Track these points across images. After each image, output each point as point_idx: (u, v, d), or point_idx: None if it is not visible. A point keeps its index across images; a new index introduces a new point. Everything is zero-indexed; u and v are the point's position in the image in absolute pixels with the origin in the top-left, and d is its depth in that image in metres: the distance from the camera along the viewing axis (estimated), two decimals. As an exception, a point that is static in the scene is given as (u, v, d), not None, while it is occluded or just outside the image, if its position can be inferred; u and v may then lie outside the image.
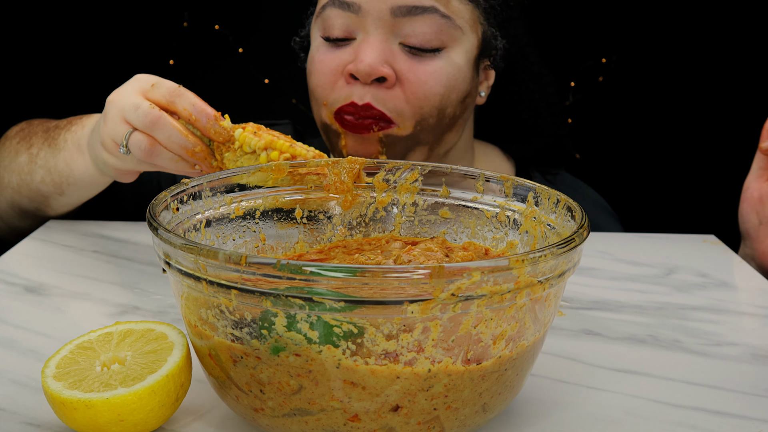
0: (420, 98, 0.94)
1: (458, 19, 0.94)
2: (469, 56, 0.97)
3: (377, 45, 0.93)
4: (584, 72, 1.55)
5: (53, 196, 0.95)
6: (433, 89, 0.94)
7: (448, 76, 0.95)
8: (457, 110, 0.98)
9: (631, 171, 1.60)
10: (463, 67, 0.96)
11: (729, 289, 0.89)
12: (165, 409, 0.56)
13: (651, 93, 1.57)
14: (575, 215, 0.59)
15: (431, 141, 0.98)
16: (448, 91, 0.96)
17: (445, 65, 0.95)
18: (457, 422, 0.53)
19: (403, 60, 0.94)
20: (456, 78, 0.96)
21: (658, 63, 1.54)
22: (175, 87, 0.77)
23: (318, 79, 0.97)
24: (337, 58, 0.96)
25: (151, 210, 0.57)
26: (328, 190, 0.71)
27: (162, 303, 0.80)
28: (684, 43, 1.53)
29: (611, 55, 1.54)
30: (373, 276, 0.47)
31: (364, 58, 0.92)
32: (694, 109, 1.56)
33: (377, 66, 0.92)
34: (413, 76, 0.94)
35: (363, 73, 0.92)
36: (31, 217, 1.00)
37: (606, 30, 1.53)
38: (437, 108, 0.96)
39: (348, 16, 0.94)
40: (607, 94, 1.56)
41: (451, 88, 0.96)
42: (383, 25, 0.93)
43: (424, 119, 0.95)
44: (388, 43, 0.94)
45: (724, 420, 0.62)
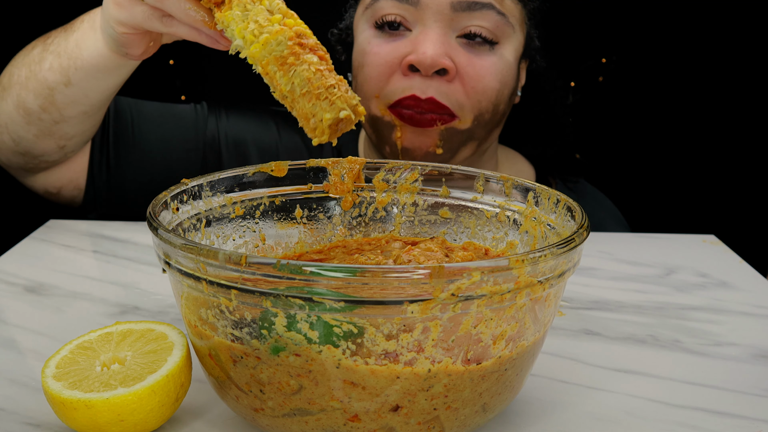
0: (479, 92, 0.96)
1: (511, 17, 0.97)
2: (517, 54, 1.00)
3: (437, 38, 0.94)
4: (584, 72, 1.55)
5: (59, 87, 0.91)
6: (490, 84, 0.96)
7: (501, 72, 0.97)
8: (507, 107, 1.01)
9: (631, 171, 1.60)
10: (512, 65, 0.99)
11: (729, 289, 0.89)
12: (165, 409, 0.56)
13: (651, 93, 1.57)
14: (575, 215, 0.59)
15: (483, 136, 1.00)
16: (502, 87, 0.97)
17: (499, 61, 0.96)
18: (457, 422, 0.53)
19: (461, 54, 0.95)
20: (508, 74, 0.98)
21: (658, 63, 1.54)
22: None
23: (372, 71, 0.97)
24: (395, 49, 0.96)
25: (151, 210, 0.57)
26: (328, 190, 0.71)
27: (162, 303, 0.80)
28: (684, 43, 1.53)
29: (611, 55, 1.54)
30: (373, 276, 0.47)
31: (426, 50, 0.93)
32: (694, 109, 1.56)
33: (439, 58, 0.93)
34: (472, 69, 0.95)
35: (426, 65, 0.93)
36: (35, 123, 0.95)
37: (606, 30, 1.53)
38: (493, 103, 0.97)
39: (405, 9, 0.95)
40: (607, 94, 1.56)
41: (504, 84, 0.98)
42: (442, 18, 0.94)
43: (481, 114, 0.97)
44: (446, 36, 0.95)
45: (724, 420, 0.62)
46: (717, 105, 1.56)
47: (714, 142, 1.57)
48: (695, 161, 1.58)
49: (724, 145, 1.56)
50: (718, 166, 1.57)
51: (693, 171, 1.59)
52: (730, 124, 1.56)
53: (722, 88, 1.55)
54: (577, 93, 1.55)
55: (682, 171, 1.59)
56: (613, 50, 1.54)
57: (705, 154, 1.57)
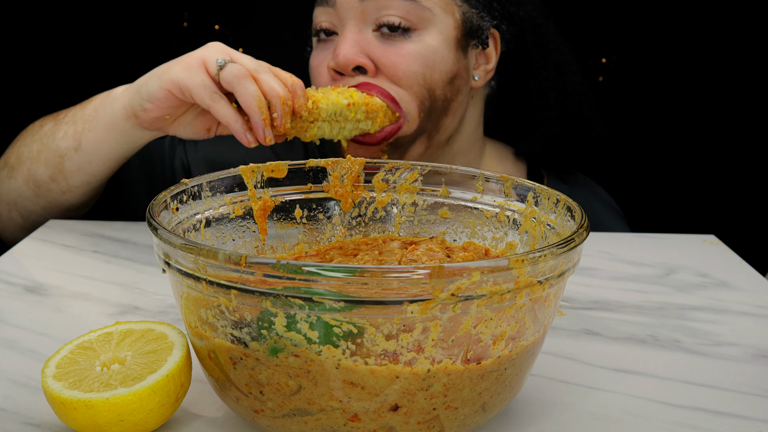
0: (402, 79, 0.97)
1: (425, 1, 0.97)
2: (445, 37, 0.99)
3: (351, 36, 0.97)
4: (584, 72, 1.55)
5: (69, 153, 0.95)
6: (411, 68, 0.97)
7: (423, 57, 0.97)
8: (447, 92, 1.00)
9: (631, 171, 1.60)
10: (438, 48, 0.98)
11: (729, 289, 0.89)
12: (165, 409, 0.56)
13: (651, 93, 1.57)
14: (575, 215, 0.59)
15: (429, 128, 1.00)
16: (428, 71, 0.97)
17: (419, 47, 0.97)
18: (456, 422, 0.53)
19: (376, 47, 0.97)
20: (433, 59, 0.98)
21: (658, 63, 1.54)
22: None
23: (313, 80, 1.02)
24: (321, 56, 1.01)
25: (151, 210, 0.57)
26: (328, 191, 0.71)
27: (162, 303, 0.80)
28: (684, 43, 1.53)
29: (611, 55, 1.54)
30: (373, 276, 0.47)
31: (339, 51, 0.96)
32: (695, 109, 1.56)
33: (352, 56, 0.96)
34: (387, 60, 0.97)
35: (341, 66, 0.96)
36: (44, 195, 1.00)
37: (606, 30, 1.53)
38: (424, 87, 0.97)
39: (328, 12, 0.99)
40: (607, 94, 1.56)
41: (431, 68, 0.98)
42: (355, 14, 0.97)
43: (422, 102, 0.98)
44: (362, 33, 0.97)
45: (724, 420, 0.62)
46: (717, 105, 1.56)
47: (714, 142, 1.57)
48: (695, 161, 1.58)
49: (724, 145, 1.56)
50: (718, 166, 1.57)
51: (693, 171, 1.59)
52: (730, 124, 1.56)
53: (722, 88, 1.55)
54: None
55: (682, 171, 1.59)
56: (613, 50, 1.54)
57: (705, 154, 1.57)
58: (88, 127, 0.94)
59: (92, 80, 1.49)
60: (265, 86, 0.83)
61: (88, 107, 0.95)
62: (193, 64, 0.85)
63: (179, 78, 0.85)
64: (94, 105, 0.95)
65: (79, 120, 0.95)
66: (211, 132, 0.92)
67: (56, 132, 0.97)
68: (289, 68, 0.90)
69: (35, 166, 0.98)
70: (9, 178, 1.01)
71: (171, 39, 1.50)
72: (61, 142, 0.96)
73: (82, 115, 0.95)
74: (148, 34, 1.51)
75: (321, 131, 0.90)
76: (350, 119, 0.92)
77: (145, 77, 0.89)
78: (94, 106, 0.95)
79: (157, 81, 0.87)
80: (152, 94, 0.87)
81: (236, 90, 0.83)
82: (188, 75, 0.84)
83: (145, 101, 0.88)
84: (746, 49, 1.53)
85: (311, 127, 0.89)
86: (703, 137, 1.57)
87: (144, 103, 0.88)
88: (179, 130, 0.91)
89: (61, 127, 0.97)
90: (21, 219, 1.04)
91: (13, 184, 1.01)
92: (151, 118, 0.89)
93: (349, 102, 0.91)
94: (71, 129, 0.96)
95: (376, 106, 0.94)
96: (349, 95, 0.92)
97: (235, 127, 0.84)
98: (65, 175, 0.97)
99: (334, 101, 0.90)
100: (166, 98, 0.87)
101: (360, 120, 0.93)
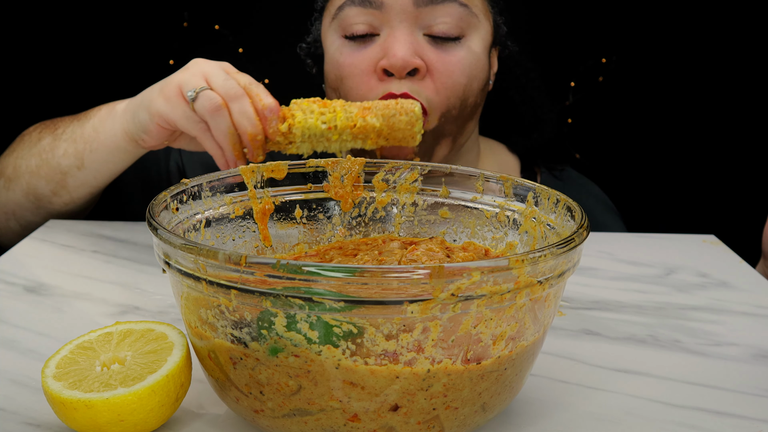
0: (448, 88, 0.96)
1: (474, 7, 0.97)
2: (485, 44, 1.00)
3: (405, 38, 0.95)
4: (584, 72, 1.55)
5: (72, 171, 0.96)
6: (459, 80, 0.97)
7: (470, 66, 0.97)
8: (477, 99, 1.01)
9: (631, 171, 1.60)
10: (481, 56, 0.99)
11: (729, 289, 0.89)
12: (165, 409, 0.56)
13: (651, 93, 1.57)
14: (575, 215, 0.59)
15: (455, 132, 1.00)
16: (470, 81, 0.98)
17: (467, 54, 0.97)
18: (456, 422, 0.53)
19: (429, 51, 0.96)
20: (477, 67, 0.98)
21: (658, 63, 1.54)
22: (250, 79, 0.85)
23: (352, 83, 0.98)
24: (366, 56, 0.97)
25: (151, 210, 0.57)
26: (328, 191, 0.71)
27: (162, 303, 0.80)
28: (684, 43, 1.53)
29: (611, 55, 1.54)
30: (373, 276, 0.47)
31: (396, 53, 0.94)
32: (694, 108, 1.56)
33: (410, 58, 0.94)
34: (441, 66, 0.96)
35: (398, 67, 0.94)
36: (45, 207, 1.00)
37: (606, 30, 1.53)
38: (460, 99, 0.98)
39: (370, 13, 0.96)
40: (607, 94, 1.56)
41: (473, 77, 0.98)
42: (407, 17, 0.95)
43: (448, 111, 0.97)
44: (413, 35, 0.96)
45: (724, 420, 0.62)
46: (717, 105, 1.56)
47: (714, 142, 1.57)
48: (695, 161, 1.58)
49: (723, 146, 1.56)
50: (718, 166, 1.57)
51: (693, 171, 1.59)
52: (730, 124, 1.56)
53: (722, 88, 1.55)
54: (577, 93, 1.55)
55: (681, 171, 1.59)
56: (613, 50, 1.54)
57: (705, 154, 1.57)
58: (89, 147, 0.94)
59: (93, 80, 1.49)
60: (236, 118, 0.82)
61: (87, 126, 0.95)
62: (171, 95, 0.85)
63: (163, 111, 0.85)
64: (93, 125, 0.95)
65: (79, 139, 0.95)
66: None
67: (55, 149, 0.97)
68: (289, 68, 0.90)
69: (35, 181, 0.99)
70: (7, 190, 1.02)
71: (171, 39, 1.50)
72: (62, 160, 0.96)
73: (82, 134, 0.95)
74: (148, 34, 1.51)
75: (302, 149, 0.87)
76: (333, 140, 0.87)
77: (136, 103, 0.90)
78: (93, 126, 0.95)
79: (146, 114, 0.87)
80: (145, 127, 0.88)
81: (209, 124, 0.83)
82: (170, 108, 0.85)
83: (141, 132, 0.89)
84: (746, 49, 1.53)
85: (290, 147, 0.86)
86: (703, 137, 1.57)
87: (140, 134, 0.89)
88: (183, 146, 0.92)
89: (60, 144, 0.97)
90: (19, 228, 1.05)
91: (11, 195, 1.01)
92: (152, 145, 0.91)
93: (330, 126, 0.86)
94: (71, 148, 0.96)
95: (367, 129, 0.87)
96: (332, 118, 0.86)
97: (219, 160, 0.85)
98: (68, 189, 0.98)
99: (311, 126, 0.85)
100: (158, 131, 0.88)
101: (347, 140, 0.88)
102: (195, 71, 0.85)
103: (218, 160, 0.85)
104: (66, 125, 0.99)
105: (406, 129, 0.87)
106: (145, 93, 0.89)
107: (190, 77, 0.84)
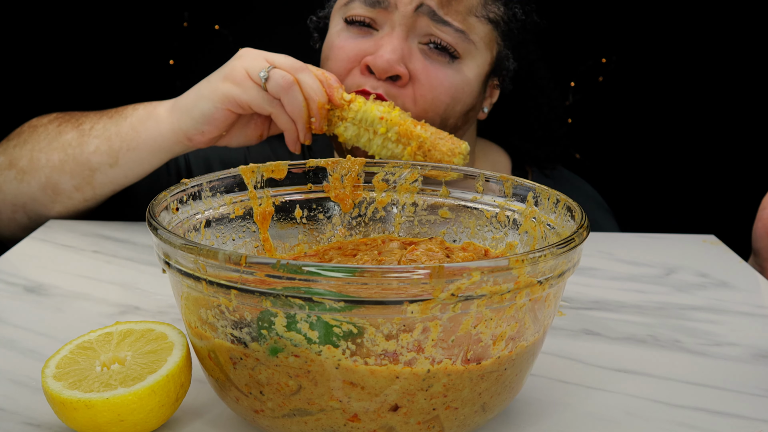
0: (427, 101, 0.97)
1: (473, 34, 0.97)
2: (479, 71, 1.00)
3: (398, 43, 0.96)
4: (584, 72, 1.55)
5: (103, 168, 0.96)
6: (441, 97, 0.97)
7: (456, 87, 0.98)
8: (458, 122, 1.01)
9: (631, 171, 1.60)
10: (471, 81, 0.99)
11: (729, 289, 0.89)
12: (165, 409, 0.56)
13: (651, 93, 1.57)
14: (575, 215, 0.59)
15: None
16: (453, 102, 0.98)
17: (455, 75, 0.98)
18: (456, 422, 0.53)
19: (418, 60, 0.97)
20: (463, 90, 0.99)
21: (658, 63, 1.54)
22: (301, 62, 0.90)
23: (334, 65, 1.00)
24: (357, 46, 0.98)
25: (151, 210, 0.57)
26: (328, 191, 0.71)
27: (162, 303, 0.80)
28: (684, 43, 1.53)
29: (611, 55, 1.54)
30: (373, 276, 0.47)
31: (383, 54, 0.95)
32: (694, 109, 1.56)
33: (394, 64, 0.95)
34: (425, 78, 0.96)
35: (380, 69, 0.95)
36: (62, 202, 1.00)
37: (606, 30, 1.53)
38: (440, 116, 0.98)
39: (376, 12, 0.98)
40: (607, 94, 1.56)
41: (457, 99, 0.98)
42: (406, 22, 0.96)
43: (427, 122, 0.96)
44: (407, 41, 0.97)
45: (724, 420, 0.62)
46: (717, 105, 1.56)
47: (714, 142, 1.57)
48: (695, 161, 1.58)
49: (723, 145, 1.56)
50: (718, 166, 1.57)
51: (693, 171, 1.59)
52: (730, 124, 1.56)
53: (722, 88, 1.55)
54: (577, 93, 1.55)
55: (682, 171, 1.59)
56: (613, 50, 1.54)
57: (704, 154, 1.57)
58: (127, 146, 0.94)
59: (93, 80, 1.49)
60: (307, 91, 0.87)
61: (124, 125, 0.95)
62: (241, 79, 0.88)
63: (234, 94, 0.88)
64: (132, 124, 0.94)
65: (114, 137, 0.95)
66: (263, 136, 0.95)
67: (84, 145, 0.96)
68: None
69: (57, 176, 0.98)
70: (20, 182, 1.00)
71: (171, 39, 1.51)
72: (92, 157, 0.96)
73: (118, 132, 0.95)
74: (148, 34, 1.51)
75: (347, 132, 0.91)
76: (379, 134, 0.90)
77: (190, 99, 0.90)
78: (132, 125, 0.94)
79: (209, 102, 0.88)
80: (209, 116, 0.89)
81: (284, 100, 0.87)
82: (242, 89, 0.87)
83: (202, 124, 0.89)
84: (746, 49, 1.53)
85: (339, 124, 0.91)
86: (703, 137, 1.57)
87: (200, 126, 0.90)
88: (231, 141, 0.93)
89: (90, 140, 0.96)
90: (27, 220, 1.03)
91: (24, 188, 1.00)
92: (209, 138, 0.91)
93: (383, 116, 0.90)
94: (105, 145, 0.95)
95: (412, 135, 0.90)
96: (388, 110, 0.90)
97: (292, 135, 0.90)
98: (93, 185, 0.98)
99: (368, 108, 0.90)
100: (224, 117, 0.89)
101: (390, 139, 0.91)
102: (254, 55, 0.89)
103: (290, 135, 0.89)
104: (93, 121, 0.98)
105: (446, 153, 0.90)
106: (200, 87, 0.90)
107: (253, 61, 0.88)
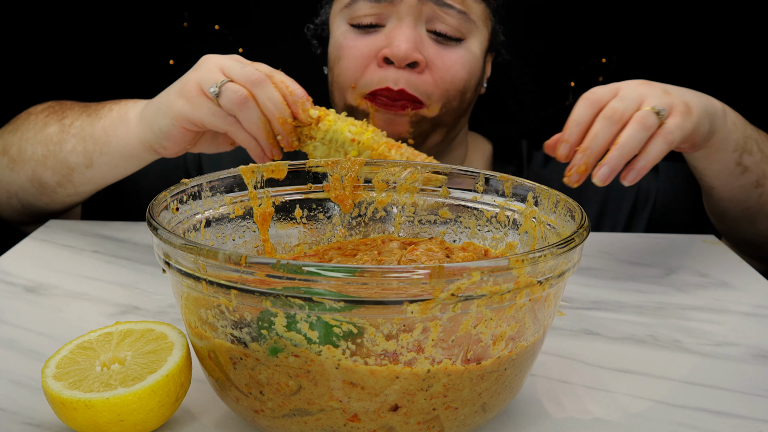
0: (447, 82, 1.01)
1: (473, 14, 1.02)
2: (482, 48, 1.05)
3: (410, 32, 0.99)
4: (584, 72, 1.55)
5: (79, 168, 0.95)
6: (459, 74, 1.01)
7: (469, 63, 1.03)
8: (473, 96, 1.07)
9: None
10: (479, 57, 1.05)
11: (729, 289, 0.89)
12: (165, 409, 0.56)
13: (651, 93, 1.56)
14: (575, 215, 0.59)
15: (450, 123, 1.05)
16: (470, 77, 1.03)
17: (466, 54, 1.02)
18: (456, 422, 0.53)
19: (430, 47, 1.01)
20: (475, 66, 1.04)
21: (658, 63, 1.54)
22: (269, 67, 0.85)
23: (349, 64, 1.01)
24: (370, 43, 1.01)
25: (151, 210, 0.57)
26: (328, 191, 0.71)
27: (162, 303, 0.80)
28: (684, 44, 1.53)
29: (611, 55, 1.54)
30: (373, 276, 0.47)
31: (400, 44, 0.98)
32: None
33: (412, 52, 0.98)
34: (440, 62, 1.00)
35: (399, 58, 0.97)
36: (49, 195, 1.00)
37: (606, 30, 1.53)
38: (460, 92, 1.03)
39: (380, 6, 1.00)
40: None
41: (472, 74, 1.04)
42: (412, 11, 0.99)
43: (449, 101, 1.02)
44: (417, 30, 1.00)
45: (724, 420, 0.62)
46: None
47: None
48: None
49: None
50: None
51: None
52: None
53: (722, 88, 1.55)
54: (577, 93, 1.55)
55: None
56: (613, 50, 1.54)
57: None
58: (99, 150, 0.93)
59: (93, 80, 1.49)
60: (265, 106, 0.81)
61: (98, 127, 0.93)
62: (192, 94, 0.83)
63: (185, 112, 0.83)
64: (104, 127, 0.93)
65: (89, 138, 0.94)
66: (235, 144, 0.92)
67: (63, 143, 0.96)
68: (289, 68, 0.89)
69: (41, 170, 0.98)
70: (11, 171, 1.00)
71: (171, 39, 1.50)
72: (70, 156, 0.95)
73: (92, 134, 0.94)
74: (148, 34, 1.51)
75: (316, 152, 0.86)
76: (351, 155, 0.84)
77: (151, 111, 0.88)
78: (104, 128, 0.93)
79: (165, 119, 0.85)
80: (166, 132, 0.86)
81: (239, 117, 0.82)
82: (193, 107, 0.83)
83: (162, 139, 0.87)
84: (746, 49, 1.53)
85: (308, 143, 0.85)
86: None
87: (160, 141, 0.87)
88: (203, 149, 0.92)
89: (69, 139, 0.95)
90: (21, 207, 1.03)
91: (15, 177, 1.00)
92: (173, 152, 0.89)
93: (354, 138, 0.84)
94: (80, 146, 0.94)
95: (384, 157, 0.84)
96: (360, 132, 0.84)
97: (255, 152, 0.84)
98: (74, 184, 0.97)
99: (338, 128, 0.84)
100: (181, 134, 0.86)
101: None
102: (210, 67, 0.84)
103: (253, 151, 0.84)
104: (75, 116, 0.97)
105: None
106: (160, 99, 0.87)
107: (207, 73, 0.83)
